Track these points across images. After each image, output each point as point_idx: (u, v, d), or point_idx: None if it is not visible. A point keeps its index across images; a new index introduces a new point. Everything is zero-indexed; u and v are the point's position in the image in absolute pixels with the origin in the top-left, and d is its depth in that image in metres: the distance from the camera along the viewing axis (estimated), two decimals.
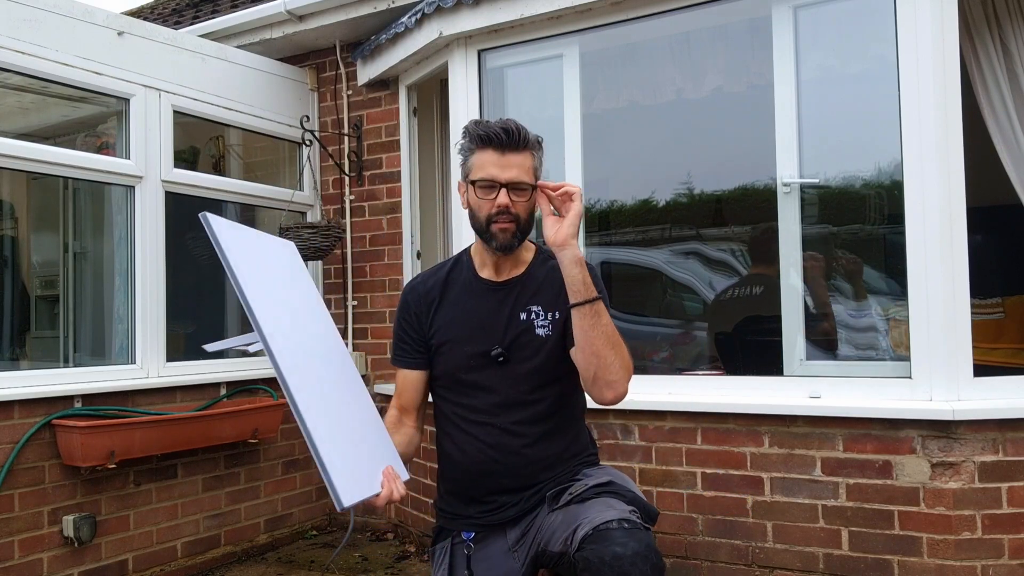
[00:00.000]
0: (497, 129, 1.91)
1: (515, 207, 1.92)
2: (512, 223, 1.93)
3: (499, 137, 1.91)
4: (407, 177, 4.33)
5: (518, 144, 1.91)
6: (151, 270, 3.73)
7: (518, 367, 1.95)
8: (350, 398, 1.82)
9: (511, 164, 1.91)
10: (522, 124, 1.95)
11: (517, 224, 1.94)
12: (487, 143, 1.92)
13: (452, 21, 3.66)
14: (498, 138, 1.91)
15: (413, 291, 2.11)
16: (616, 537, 1.68)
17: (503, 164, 1.91)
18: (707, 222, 3.83)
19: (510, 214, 1.92)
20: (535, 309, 1.98)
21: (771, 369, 3.15)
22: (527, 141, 1.93)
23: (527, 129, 1.95)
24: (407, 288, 2.14)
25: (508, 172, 1.91)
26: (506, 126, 1.91)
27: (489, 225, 1.94)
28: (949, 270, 2.77)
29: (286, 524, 4.28)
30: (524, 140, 1.92)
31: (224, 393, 3.98)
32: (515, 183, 1.91)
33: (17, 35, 3.28)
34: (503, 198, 1.91)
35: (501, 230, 1.93)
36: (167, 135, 3.82)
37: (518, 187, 1.91)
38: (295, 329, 1.75)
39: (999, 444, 2.71)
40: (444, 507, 2.08)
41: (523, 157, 1.92)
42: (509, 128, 1.91)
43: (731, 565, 3.07)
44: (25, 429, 3.20)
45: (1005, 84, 3.11)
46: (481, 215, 1.95)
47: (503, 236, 1.94)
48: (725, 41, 3.54)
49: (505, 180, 1.91)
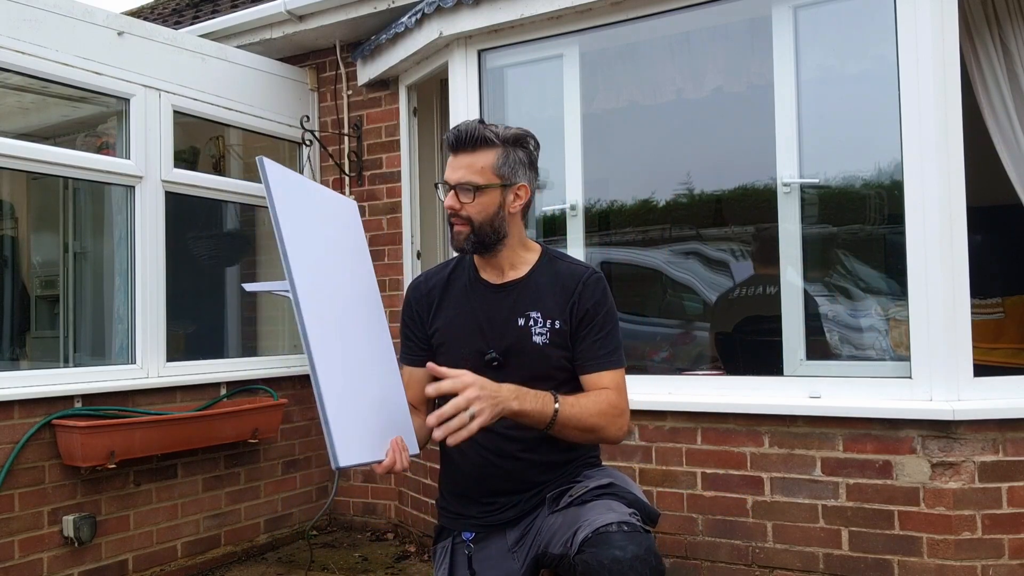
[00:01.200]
0: (451, 131, 1.92)
1: (464, 208, 1.91)
2: (464, 225, 1.92)
3: (450, 139, 1.92)
4: (407, 177, 4.33)
5: (466, 144, 1.90)
6: (151, 270, 3.73)
7: (514, 372, 1.94)
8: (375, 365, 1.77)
9: (459, 165, 1.91)
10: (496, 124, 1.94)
11: (471, 226, 1.92)
12: (447, 145, 1.95)
13: (452, 21, 3.66)
14: (449, 140, 1.92)
15: (415, 290, 2.11)
16: (615, 540, 1.67)
17: (453, 165, 1.92)
18: (707, 222, 3.82)
19: (460, 216, 1.92)
20: (534, 315, 1.97)
21: (771, 369, 3.15)
22: (478, 140, 1.89)
23: (496, 127, 1.92)
24: (410, 287, 2.15)
25: (455, 173, 1.91)
26: (459, 127, 1.91)
27: (451, 227, 1.96)
28: (949, 270, 2.77)
29: (286, 524, 4.28)
30: (474, 139, 1.89)
31: (224, 393, 3.98)
32: (460, 183, 1.90)
33: (17, 35, 3.28)
34: (449, 200, 1.91)
35: (456, 232, 1.94)
36: (167, 135, 3.82)
37: (463, 187, 1.90)
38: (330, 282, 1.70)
39: (999, 444, 2.71)
40: (445, 506, 2.08)
41: (473, 157, 1.90)
42: (460, 128, 1.90)
43: (731, 565, 3.07)
44: (25, 429, 3.20)
45: (1005, 84, 3.11)
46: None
47: (457, 238, 1.94)
48: (725, 41, 3.53)
49: (453, 182, 1.91)
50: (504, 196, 1.92)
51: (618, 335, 1.99)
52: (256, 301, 4.85)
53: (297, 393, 4.36)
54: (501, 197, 1.92)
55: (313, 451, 4.44)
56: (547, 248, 2.09)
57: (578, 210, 3.59)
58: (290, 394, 4.29)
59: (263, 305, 4.84)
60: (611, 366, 1.94)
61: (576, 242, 3.60)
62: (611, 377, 1.94)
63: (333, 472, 4.54)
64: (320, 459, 4.49)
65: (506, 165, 1.92)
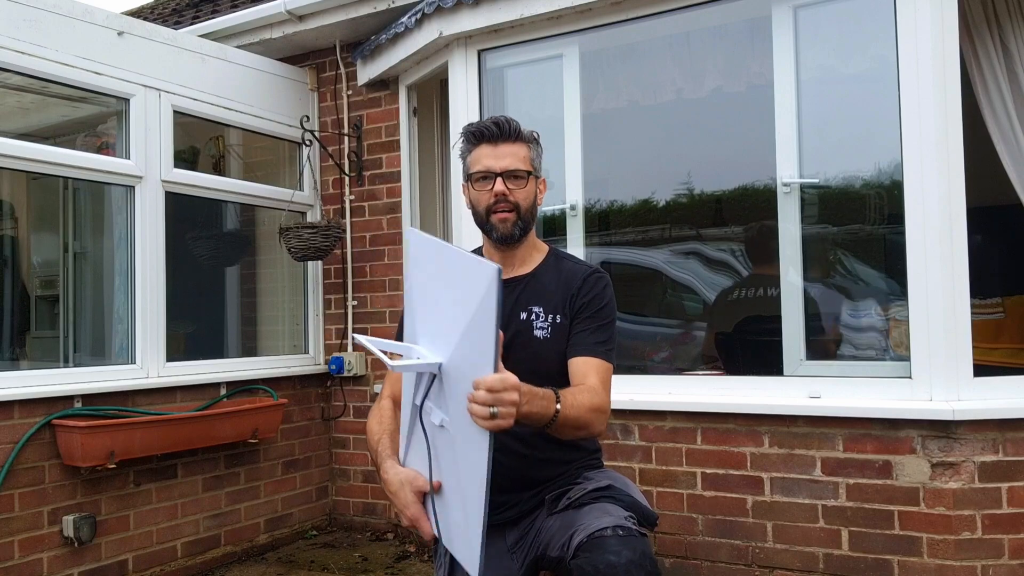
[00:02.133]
0: (488, 123, 1.97)
1: (512, 195, 1.94)
2: (511, 211, 1.95)
3: (490, 130, 1.95)
4: (407, 177, 4.33)
5: (510, 135, 1.96)
6: (151, 270, 3.73)
7: (514, 367, 1.93)
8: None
9: (505, 154, 1.95)
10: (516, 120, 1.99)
11: (517, 213, 1.95)
12: (480, 138, 1.97)
13: (452, 21, 3.66)
14: (490, 131, 1.96)
15: None
16: (610, 545, 1.67)
17: (497, 155, 1.95)
18: (707, 222, 3.82)
19: (508, 202, 1.94)
20: (536, 310, 1.98)
21: (771, 369, 3.15)
22: (519, 133, 1.97)
23: (520, 124, 1.99)
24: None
25: (503, 161, 1.95)
26: (496, 119, 1.97)
27: (489, 216, 1.96)
28: (949, 270, 2.77)
29: (286, 524, 4.28)
30: (516, 132, 1.97)
31: (224, 393, 3.98)
32: (510, 171, 1.94)
33: (17, 35, 3.28)
34: (499, 186, 1.94)
35: (501, 220, 1.95)
36: (167, 135, 3.82)
37: (514, 175, 1.95)
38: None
39: (999, 444, 2.71)
40: None
41: (517, 147, 1.96)
42: (499, 121, 1.96)
43: (731, 565, 3.07)
44: (25, 429, 3.20)
45: (1005, 84, 3.11)
46: (481, 208, 1.97)
47: (503, 226, 1.95)
48: (725, 41, 3.53)
49: (500, 169, 1.94)
50: (537, 187, 2.01)
51: (613, 334, 1.99)
52: (256, 301, 4.86)
53: (297, 393, 4.36)
54: (535, 187, 2.00)
55: (313, 451, 4.45)
56: (554, 248, 2.11)
57: (578, 210, 3.59)
58: (290, 394, 4.29)
59: (263, 305, 4.85)
60: (600, 355, 1.94)
61: (576, 242, 3.61)
62: (598, 365, 1.92)
63: (334, 472, 4.54)
64: (320, 459, 4.49)
65: (536, 158, 2.00)
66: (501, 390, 1.47)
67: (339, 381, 4.51)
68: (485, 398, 1.46)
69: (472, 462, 1.52)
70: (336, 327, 4.56)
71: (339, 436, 4.54)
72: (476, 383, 1.47)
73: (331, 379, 4.53)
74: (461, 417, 1.52)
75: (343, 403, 4.51)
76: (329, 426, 4.54)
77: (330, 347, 4.56)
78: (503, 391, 1.47)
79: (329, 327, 4.58)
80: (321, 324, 4.58)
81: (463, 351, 1.53)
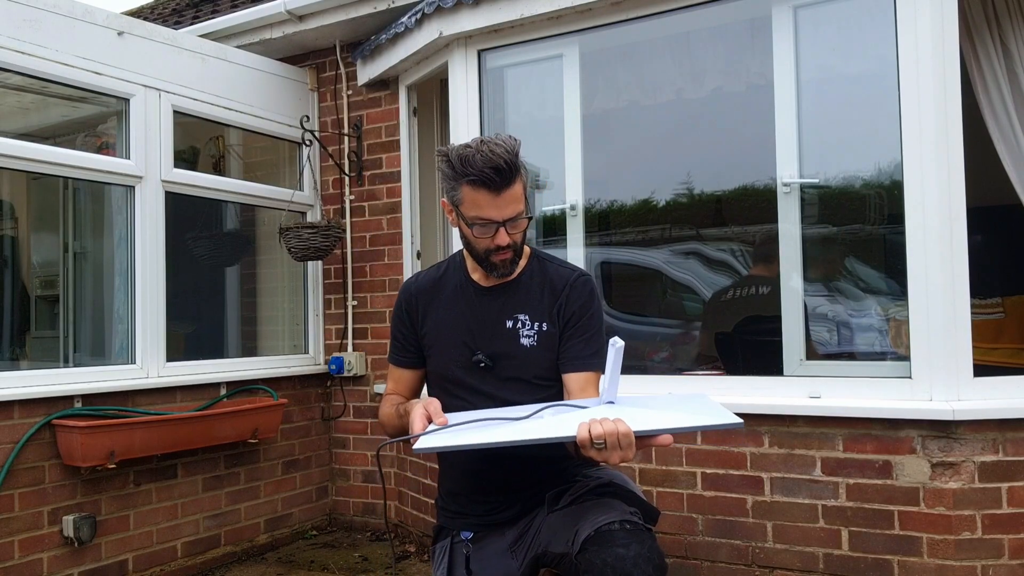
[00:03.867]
0: (488, 172, 1.80)
1: (513, 238, 1.90)
2: (511, 251, 1.92)
3: (492, 180, 1.81)
4: (407, 177, 4.33)
5: (509, 179, 1.83)
6: (151, 270, 3.73)
7: (502, 374, 1.95)
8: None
9: (507, 201, 1.85)
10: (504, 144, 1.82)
11: (515, 251, 1.93)
12: (481, 184, 1.83)
13: (452, 21, 3.66)
14: (491, 181, 1.81)
15: (407, 291, 2.11)
16: (618, 538, 1.67)
17: (499, 204, 1.84)
18: (707, 222, 3.82)
19: (510, 247, 1.91)
20: (522, 318, 1.97)
21: (771, 369, 3.15)
22: (515, 170, 1.84)
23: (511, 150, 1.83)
24: (402, 288, 2.15)
25: (505, 210, 1.85)
26: (495, 164, 1.80)
27: (488, 256, 1.93)
28: (949, 270, 2.76)
29: (286, 524, 4.28)
30: (514, 171, 1.83)
31: (224, 393, 3.98)
32: (512, 219, 1.88)
33: (17, 35, 3.28)
34: (503, 238, 1.88)
35: (501, 261, 1.93)
36: (167, 135, 3.82)
37: (515, 221, 1.89)
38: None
39: (999, 444, 2.70)
40: (444, 506, 2.08)
41: (516, 187, 1.85)
42: (499, 166, 1.80)
43: (731, 565, 3.07)
44: (25, 429, 3.20)
45: (1005, 84, 3.10)
46: (479, 248, 1.93)
47: (503, 266, 1.94)
48: (725, 41, 3.53)
49: (503, 219, 1.87)
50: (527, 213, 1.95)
51: (603, 338, 1.97)
52: (256, 301, 4.86)
53: (297, 393, 4.36)
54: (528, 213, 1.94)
55: (313, 451, 4.45)
56: (536, 250, 2.09)
57: (578, 210, 3.59)
58: (290, 394, 4.29)
59: (263, 305, 4.85)
60: (595, 367, 1.94)
61: (576, 242, 3.60)
62: (595, 379, 1.94)
63: (334, 472, 4.54)
64: (320, 459, 4.49)
65: (528, 181, 1.94)
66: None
67: (339, 381, 4.51)
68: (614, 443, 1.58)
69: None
70: (336, 327, 4.56)
71: (339, 436, 4.54)
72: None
73: (331, 379, 4.53)
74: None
75: (343, 403, 4.51)
76: (329, 426, 4.54)
77: (330, 347, 4.56)
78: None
79: (329, 327, 4.58)
80: (321, 324, 4.58)
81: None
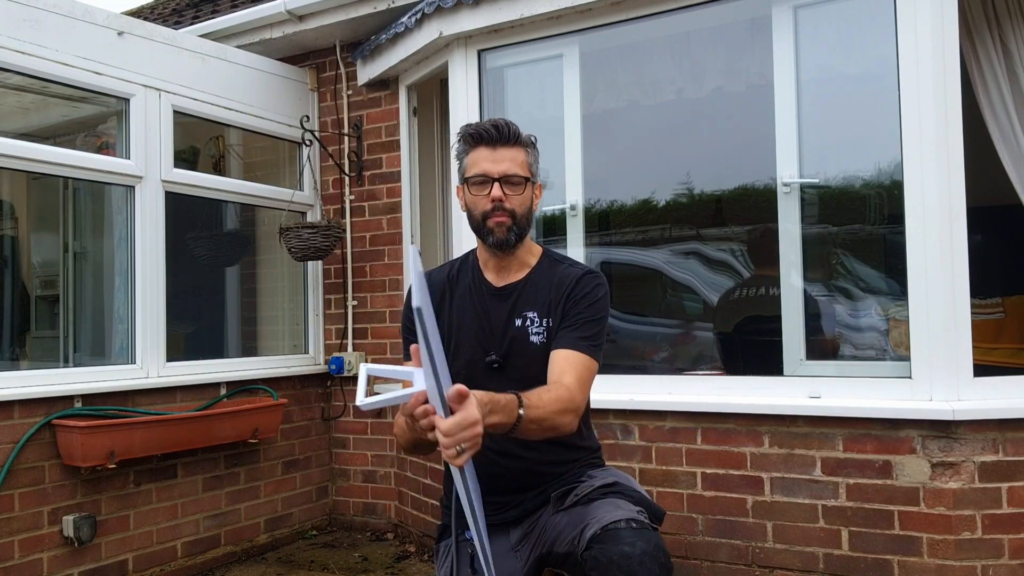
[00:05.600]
0: (487, 126, 1.95)
1: (509, 200, 1.93)
2: (507, 217, 1.93)
3: (489, 133, 1.94)
4: (407, 177, 4.33)
5: (508, 139, 1.95)
6: (151, 270, 3.73)
7: (514, 373, 1.94)
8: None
9: (503, 158, 1.94)
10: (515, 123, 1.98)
11: (513, 219, 1.93)
12: (478, 141, 1.96)
13: (452, 21, 3.66)
14: (488, 134, 1.94)
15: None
16: (624, 537, 1.67)
17: (495, 159, 1.94)
18: (707, 222, 3.82)
19: (504, 209, 1.92)
20: (530, 315, 1.97)
21: (771, 369, 3.15)
22: (517, 136, 1.96)
23: (519, 127, 1.98)
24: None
25: (500, 166, 1.93)
26: (496, 122, 1.95)
27: (485, 221, 1.95)
28: (949, 270, 2.77)
29: (286, 524, 4.28)
30: (514, 135, 1.96)
31: (224, 393, 3.98)
32: (508, 176, 1.93)
33: (17, 35, 3.28)
34: (496, 191, 1.92)
35: (497, 224, 1.93)
36: (167, 135, 3.82)
37: (511, 180, 1.93)
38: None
39: (999, 444, 2.71)
40: (449, 505, 2.08)
41: (515, 151, 1.95)
42: (499, 124, 1.95)
43: (731, 565, 3.07)
44: (25, 429, 3.20)
45: (1005, 84, 3.11)
46: (477, 212, 1.96)
47: (499, 231, 1.94)
48: (725, 41, 3.53)
49: (498, 174, 1.93)
50: (533, 192, 1.99)
51: (601, 331, 1.95)
52: (256, 301, 4.86)
53: (297, 393, 4.36)
54: (532, 193, 1.99)
55: (313, 451, 4.45)
56: (548, 251, 2.09)
57: (578, 210, 3.59)
58: (290, 394, 4.29)
59: (263, 305, 4.85)
60: (582, 349, 1.88)
61: (576, 242, 3.60)
62: (577, 359, 1.87)
63: (334, 472, 4.54)
64: (320, 459, 4.49)
65: (534, 163, 1.99)
66: (457, 432, 1.42)
67: (339, 381, 4.51)
68: (447, 443, 1.42)
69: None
70: (336, 327, 4.56)
71: (339, 436, 4.54)
72: (438, 430, 1.43)
73: (331, 379, 4.53)
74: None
75: (343, 403, 4.51)
76: (329, 426, 4.54)
77: (330, 347, 4.56)
78: (460, 432, 1.42)
79: (329, 327, 4.58)
80: (321, 324, 4.58)
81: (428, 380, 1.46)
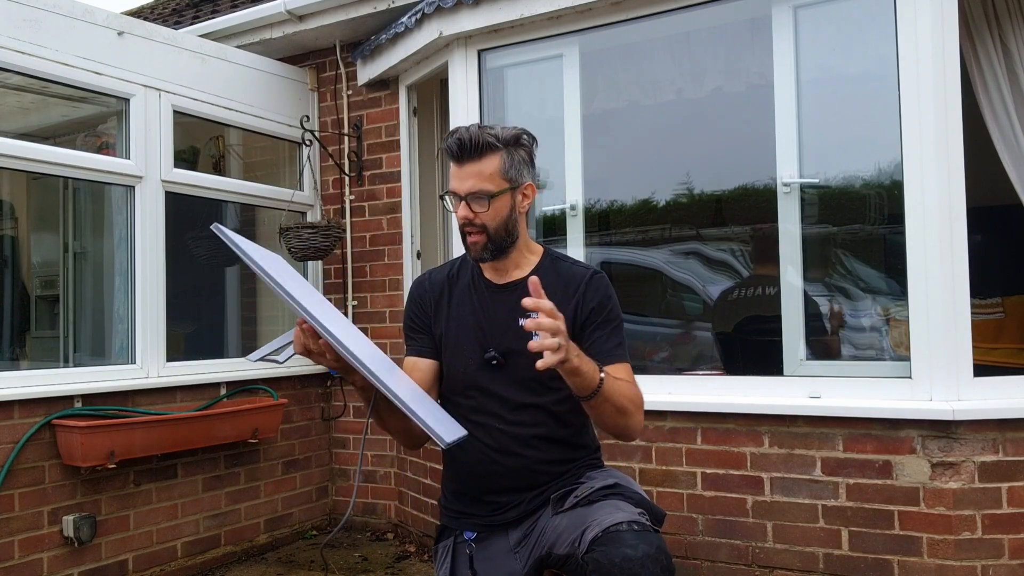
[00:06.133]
0: (451, 141, 1.88)
1: (478, 217, 1.90)
2: (480, 234, 1.91)
3: (452, 150, 1.88)
4: (407, 177, 4.33)
5: (472, 152, 1.87)
6: (151, 270, 3.73)
7: (514, 372, 1.94)
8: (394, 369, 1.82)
9: (467, 174, 1.88)
10: (492, 125, 1.91)
11: (486, 234, 1.91)
12: (448, 155, 1.91)
13: (452, 21, 3.66)
14: (451, 151, 1.89)
15: (420, 286, 2.11)
16: (626, 539, 1.67)
17: (461, 176, 1.89)
18: (707, 222, 3.82)
19: (475, 225, 1.90)
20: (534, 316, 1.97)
21: (771, 369, 3.15)
22: (483, 146, 1.87)
23: (494, 130, 1.89)
24: (415, 283, 2.15)
25: (465, 183, 1.89)
26: (460, 136, 1.87)
27: (464, 237, 1.95)
28: (949, 270, 2.77)
29: (286, 524, 4.28)
30: (478, 147, 1.86)
31: (224, 393, 3.98)
32: (472, 193, 1.88)
33: (17, 35, 3.28)
34: (463, 211, 1.89)
35: (472, 243, 1.93)
36: (167, 135, 3.82)
37: (476, 197, 1.88)
38: (336, 322, 1.73)
39: (999, 444, 2.71)
40: (448, 505, 2.08)
41: (482, 164, 1.87)
42: (462, 137, 1.86)
43: (731, 565, 3.07)
44: (25, 429, 3.20)
45: (1005, 84, 3.11)
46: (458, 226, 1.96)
47: (474, 248, 1.94)
48: (725, 41, 3.53)
49: (463, 192, 1.89)
50: (514, 198, 1.93)
51: (623, 333, 2.00)
52: (256, 301, 4.86)
53: (297, 393, 4.36)
54: (512, 200, 1.92)
55: (313, 451, 4.45)
56: (549, 249, 2.09)
57: (578, 210, 3.59)
58: (290, 394, 4.29)
59: (263, 305, 4.85)
60: (621, 359, 1.94)
61: (576, 242, 3.61)
62: (626, 370, 1.94)
63: (334, 472, 4.54)
64: (320, 459, 4.49)
65: (512, 167, 1.91)
66: (553, 314, 1.63)
67: (339, 381, 4.51)
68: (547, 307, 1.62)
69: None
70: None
71: (339, 436, 4.54)
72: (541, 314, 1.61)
73: (331, 379, 4.53)
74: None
75: (343, 403, 4.51)
76: (329, 426, 4.54)
77: None
78: (555, 316, 1.63)
79: None
80: None
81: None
